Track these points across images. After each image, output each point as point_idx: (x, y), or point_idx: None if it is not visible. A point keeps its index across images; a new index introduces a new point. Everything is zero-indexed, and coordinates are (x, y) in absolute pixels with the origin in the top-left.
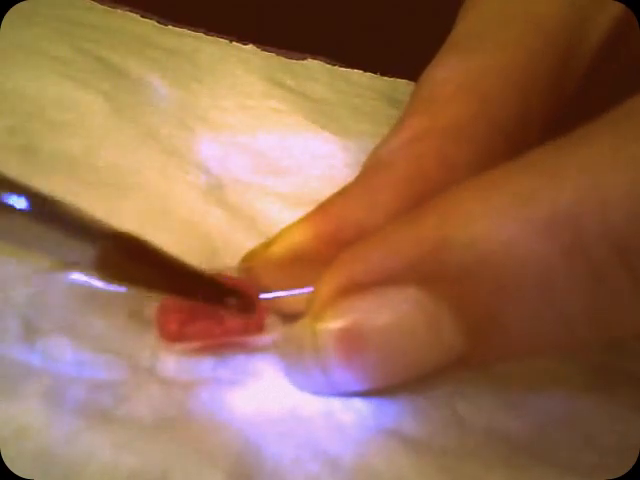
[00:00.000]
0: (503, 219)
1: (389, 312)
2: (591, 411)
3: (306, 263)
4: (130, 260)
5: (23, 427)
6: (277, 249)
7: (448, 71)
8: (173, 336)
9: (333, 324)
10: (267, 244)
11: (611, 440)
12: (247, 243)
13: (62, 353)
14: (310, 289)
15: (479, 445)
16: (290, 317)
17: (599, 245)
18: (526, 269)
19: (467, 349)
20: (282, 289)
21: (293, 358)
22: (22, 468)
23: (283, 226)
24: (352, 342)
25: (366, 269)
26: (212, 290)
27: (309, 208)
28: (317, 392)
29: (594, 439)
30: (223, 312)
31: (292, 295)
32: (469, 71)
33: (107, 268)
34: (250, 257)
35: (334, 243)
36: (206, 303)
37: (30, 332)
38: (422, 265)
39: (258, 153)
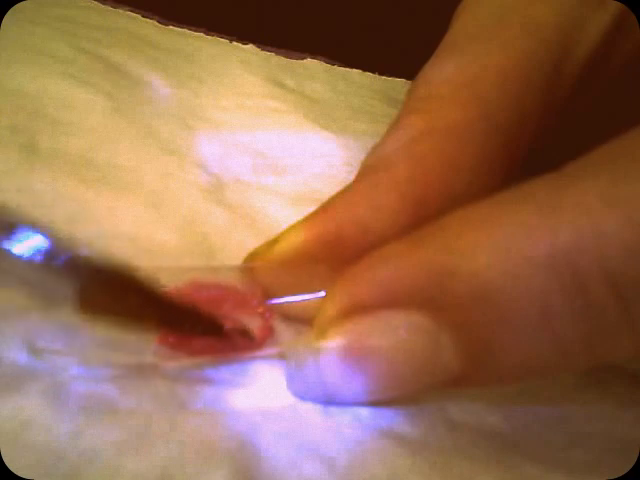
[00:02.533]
0: (506, 252)
1: (390, 334)
2: (584, 410)
3: (309, 263)
4: (111, 296)
5: (26, 422)
6: (279, 249)
7: (445, 71)
8: (171, 347)
9: (335, 342)
10: (269, 244)
11: (607, 439)
12: (247, 242)
13: (64, 352)
14: (316, 295)
15: (471, 445)
16: (294, 319)
17: (596, 283)
18: (526, 301)
19: (465, 373)
20: (285, 289)
21: (296, 372)
22: (23, 465)
23: (283, 225)
24: (352, 360)
25: (370, 292)
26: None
27: (309, 207)
28: (317, 402)
29: (588, 438)
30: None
31: (299, 301)
32: (466, 71)
33: (89, 306)
34: (252, 257)
35: (337, 243)
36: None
37: (31, 333)
38: (425, 291)
39: (258, 152)
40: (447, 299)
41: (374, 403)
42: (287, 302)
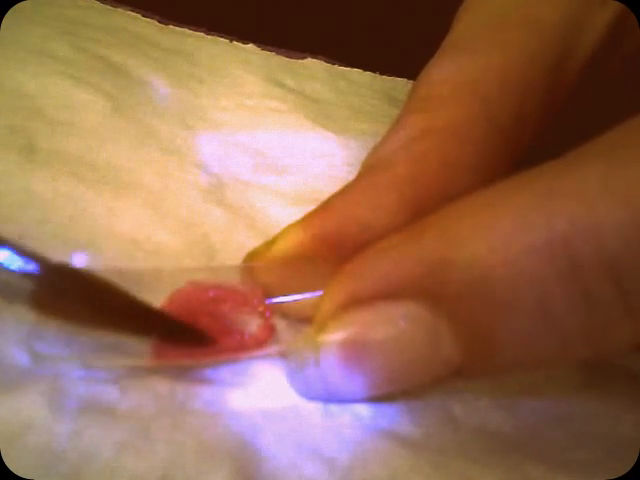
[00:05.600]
0: (503, 240)
1: (389, 326)
2: (586, 410)
3: (308, 262)
4: (64, 295)
5: (26, 423)
6: (279, 249)
7: (446, 71)
8: (154, 358)
9: (335, 336)
10: (269, 244)
11: (609, 440)
12: (247, 242)
13: (63, 357)
14: (314, 294)
15: (474, 445)
16: (295, 318)
17: (594, 271)
18: (523, 289)
19: (464, 363)
20: (284, 289)
21: (296, 367)
22: (23, 465)
23: (283, 225)
24: (352, 354)
25: (368, 285)
26: (162, 327)
27: (309, 206)
28: (318, 400)
29: (590, 438)
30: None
31: (299, 300)
32: (467, 71)
33: (43, 304)
34: (252, 257)
35: (336, 243)
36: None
37: (31, 334)
38: (423, 281)
39: (258, 152)
40: (444, 289)
41: (375, 399)
42: (287, 301)
